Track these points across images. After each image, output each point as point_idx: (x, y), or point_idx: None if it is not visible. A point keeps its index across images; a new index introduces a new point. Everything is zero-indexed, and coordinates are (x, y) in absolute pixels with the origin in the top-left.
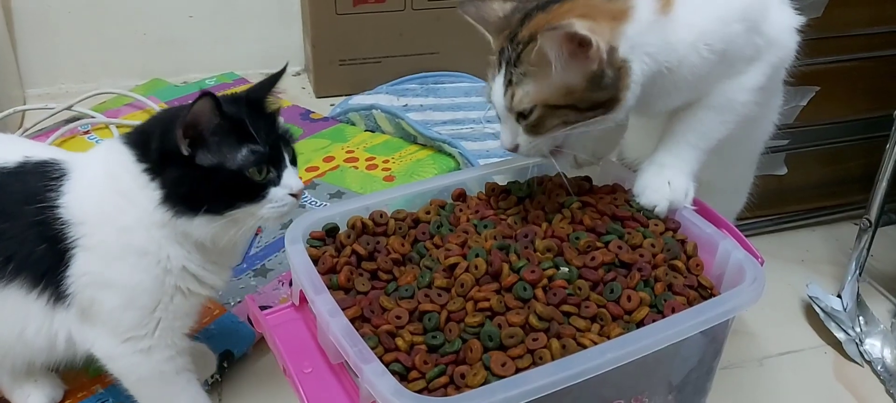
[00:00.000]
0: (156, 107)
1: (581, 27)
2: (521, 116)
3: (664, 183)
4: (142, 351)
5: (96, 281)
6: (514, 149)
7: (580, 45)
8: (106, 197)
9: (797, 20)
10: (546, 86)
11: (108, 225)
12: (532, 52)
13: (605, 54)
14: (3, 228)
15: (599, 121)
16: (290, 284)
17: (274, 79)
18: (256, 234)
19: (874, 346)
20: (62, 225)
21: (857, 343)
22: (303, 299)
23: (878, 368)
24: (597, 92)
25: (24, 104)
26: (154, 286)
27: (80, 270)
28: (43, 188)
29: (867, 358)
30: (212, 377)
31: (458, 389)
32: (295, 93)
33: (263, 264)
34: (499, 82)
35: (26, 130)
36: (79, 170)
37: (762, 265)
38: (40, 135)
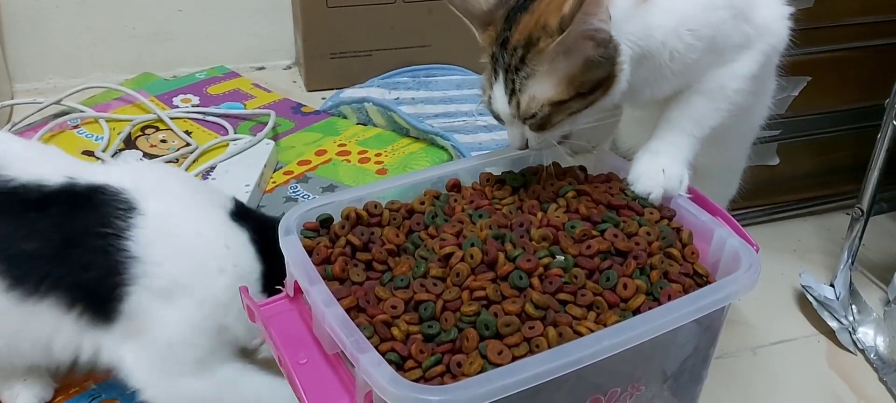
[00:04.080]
0: (146, 100)
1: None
2: (528, 117)
3: (659, 170)
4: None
5: (155, 317)
6: (524, 147)
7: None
8: (198, 249)
9: (789, 8)
10: (551, 84)
11: (186, 266)
12: (541, 53)
13: (609, 19)
14: (37, 247)
15: (600, 103)
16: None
17: None
18: None
19: (867, 334)
20: (126, 257)
21: (850, 332)
22: (297, 290)
23: (872, 356)
24: (594, 71)
25: (12, 99)
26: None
27: (139, 305)
28: (108, 216)
29: (860, 347)
30: None
31: (455, 378)
32: (286, 86)
33: None
34: (499, 91)
35: (14, 125)
36: (159, 204)
37: (757, 252)
38: (29, 129)
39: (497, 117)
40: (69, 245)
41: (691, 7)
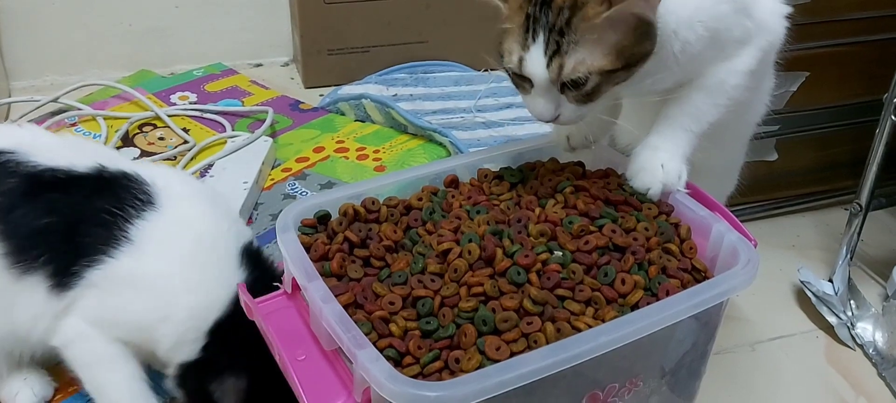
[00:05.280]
0: (144, 98)
1: None
2: (570, 86)
3: (657, 166)
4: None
5: (113, 289)
6: (553, 119)
7: None
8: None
9: (786, 6)
10: (601, 53)
11: (164, 277)
12: (589, 21)
13: None
14: (48, 223)
15: (638, 75)
16: (282, 275)
17: None
18: (247, 225)
19: (866, 330)
20: (122, 236)
21: (848, 327)
22: (295, 286)
23: (870, 351)
24: (643, 43)
25: (10, 96)
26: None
27: (105, 277)
28: (125, 201)
29: (859, 342)
30: None
31: (453, 373)
32: (284, 83)
33: None
34: (537, 52)
35: (12, 123)
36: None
37: (755, 247)
38: None
39: (524, 81)
40: (81, 222)
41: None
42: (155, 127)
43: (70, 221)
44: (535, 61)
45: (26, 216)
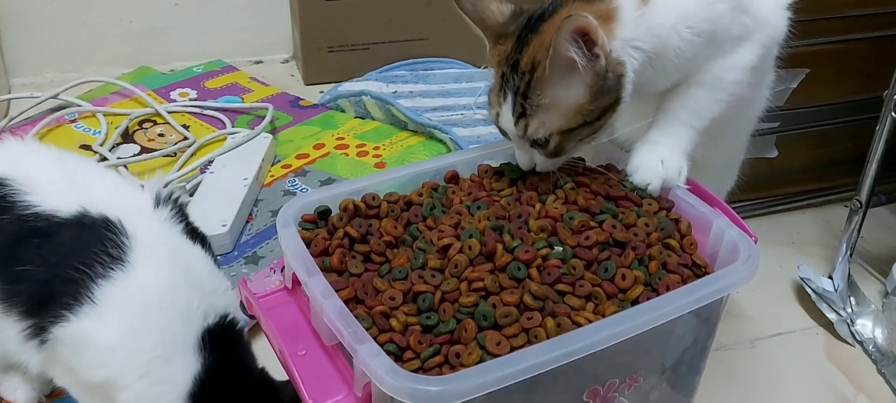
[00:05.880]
0: (144, 95)
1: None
2: (536, 143)
3: (657, 161)
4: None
5: (77, 348)
6: (532, 168)
7: (586, 40)
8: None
9: None
10: (559, 113)
11: (122, 346)
12: (541, 82)
13: (608, 50)
14: (29, 271)
15: (608, 125)
16: (282, 271)
17: None
18: (247, 222)
19: (865, 326)
20: (87, 295)
21: (848, 324)
22: (295, 282)
23: (870, 348)
24: (602, 99)
25: (10, 93)
26: None
27: (71, 332)
28: (96, 253)
29: (859, 339)
30: None
31: (454, 368)
32: (284, 80)
33: (255, 251)
34: (507, 111)
35: (12, 119)
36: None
37: (756, 243)
38: (26, 124)
39: (504, 134)
40: (55, 274)
41: (689, 4)
42: (155, 123)
43: (45, 273)
44: (507, 119)
45: (10, 258)
